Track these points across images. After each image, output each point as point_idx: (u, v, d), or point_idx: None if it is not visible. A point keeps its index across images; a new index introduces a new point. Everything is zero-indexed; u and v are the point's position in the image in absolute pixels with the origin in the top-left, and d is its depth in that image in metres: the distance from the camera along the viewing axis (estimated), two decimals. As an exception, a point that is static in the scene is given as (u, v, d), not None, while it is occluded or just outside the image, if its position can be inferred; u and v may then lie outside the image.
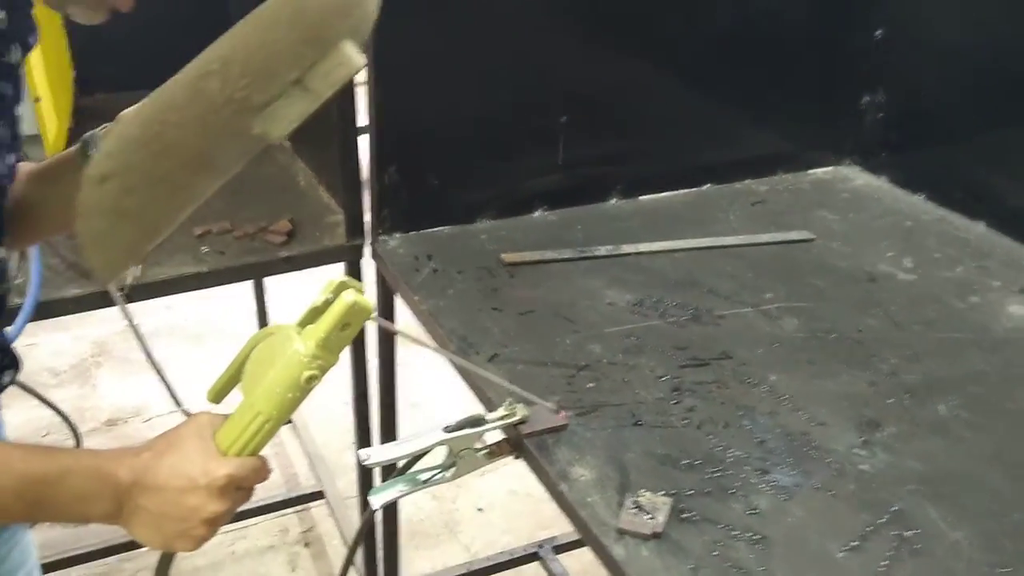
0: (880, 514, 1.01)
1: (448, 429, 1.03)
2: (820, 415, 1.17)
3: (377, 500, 1.04)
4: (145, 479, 0.83)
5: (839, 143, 1.92)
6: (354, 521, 2.20)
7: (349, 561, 1.12)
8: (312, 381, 0.87)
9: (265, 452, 0.88)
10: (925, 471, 1.07)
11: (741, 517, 0.99)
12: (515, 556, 2.05)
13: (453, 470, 1.05)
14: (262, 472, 0.90)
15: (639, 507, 0.99)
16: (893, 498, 1.03)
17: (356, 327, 0.88)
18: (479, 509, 2.44)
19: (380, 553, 1.94)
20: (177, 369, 2.98)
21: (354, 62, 0.74)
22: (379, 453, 1.03)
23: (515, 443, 1.09)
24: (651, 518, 0.97)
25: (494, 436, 1.06)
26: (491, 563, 2.04)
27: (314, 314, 0.90)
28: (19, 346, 3.19)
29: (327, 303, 0.88)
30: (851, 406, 1.19)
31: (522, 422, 1.08)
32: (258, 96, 0.72)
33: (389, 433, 1.75)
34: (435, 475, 1.06)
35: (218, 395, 0.96)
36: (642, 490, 1.02)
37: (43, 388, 2.90)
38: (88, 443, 2.66)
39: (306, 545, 2.32)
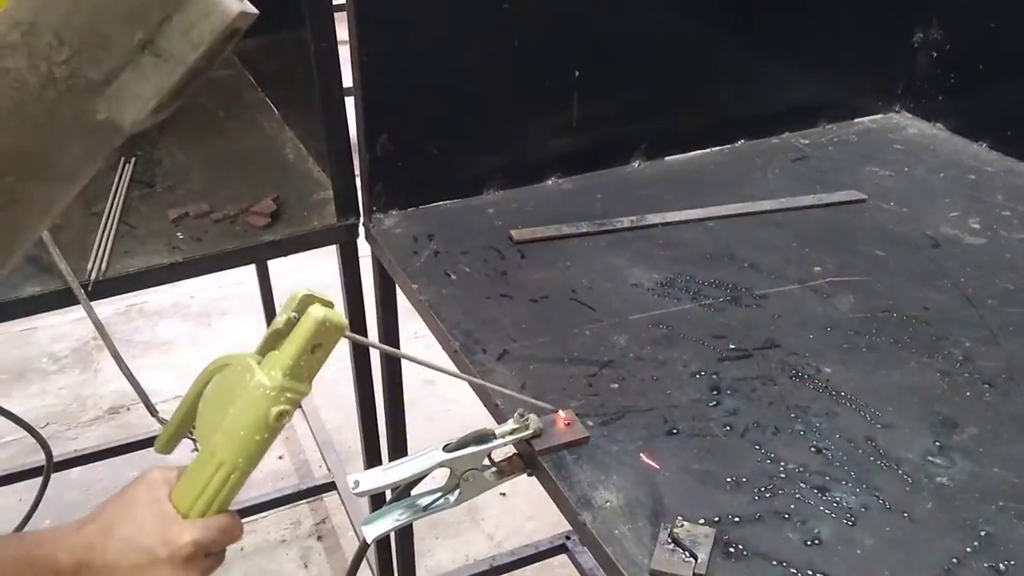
0: (966, 540, 0.84)
1: (448, 448, 0.92)
2: (886, 415, 1.00)
3: (371, 531, 0.93)
4: (92, 560, 0.71)
5: (889, 87, 1.76)
6: (367, 512, 2.06)
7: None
8: (282, 418, 0.74)
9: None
10: (1017, 483, 0.90)
11: (800, 550, 0.83)
12: (541, 549, 1.91)
13: (457, 493, 0.94)
14: (233, 531, 0.77)
15: (676, 542, 0.83)
16: (980, 519, 0.87)
17: (328, 348, 0.75)
18: (502, 494, 2.30)
19: (394, 544, 1.81)
20: (183, 353, 2.90)
21: (225, 9, 0.55)
22: (370, 479, 0.91)
23: (528, 460, 0.95)
24: (691, 556, 0.81)
25: (506, 447, 0.94)
26: (516, 557, 1.90)
27: (276, 338, 0.76)
28: (17, 331, 3.04)
29: (290, 323, 0.74)
30: (922, 402, 1.02)
31: (536, 435, 0.95)
32: (91, 71, 0.55)
33: (398, 436, 1.60)
34: (437, 500, 0.94)
35: (168, 445, 0.83)
36: (679, 518, 0.86)
37: (43, 375, 2.80)
38: (91, 434, 2.56)
39: (319, 538, 2.19)
